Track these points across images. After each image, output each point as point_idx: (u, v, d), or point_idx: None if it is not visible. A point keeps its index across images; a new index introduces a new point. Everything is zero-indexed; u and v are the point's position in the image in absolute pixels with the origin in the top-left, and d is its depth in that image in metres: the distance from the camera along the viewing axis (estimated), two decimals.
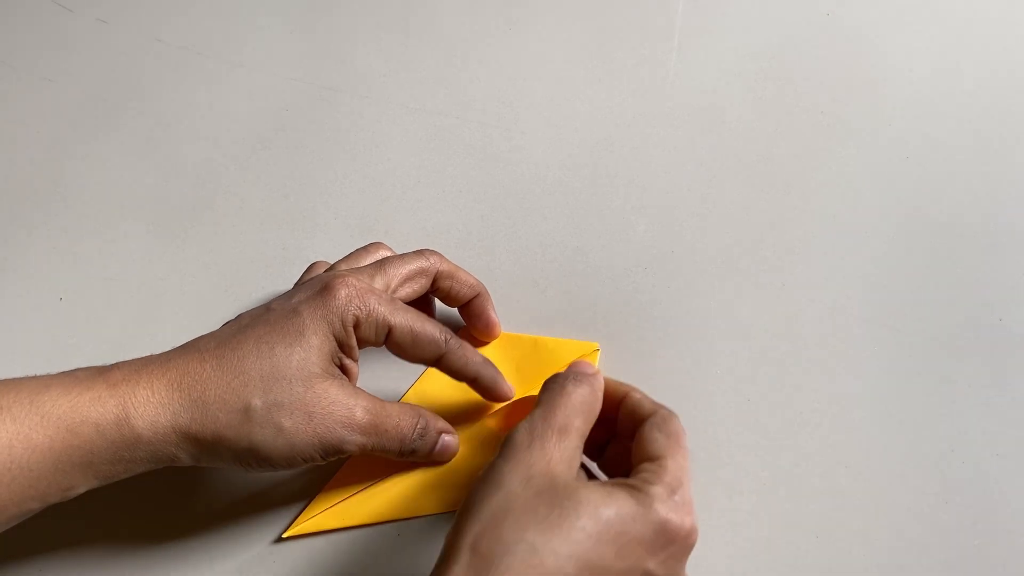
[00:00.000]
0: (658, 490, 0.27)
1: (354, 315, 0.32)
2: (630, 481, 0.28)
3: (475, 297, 0.38)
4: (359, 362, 0.34)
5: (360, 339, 0.33)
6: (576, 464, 0.29)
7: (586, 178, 0.45)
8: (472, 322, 0.39)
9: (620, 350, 0.40)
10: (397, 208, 0.46)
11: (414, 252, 0.37)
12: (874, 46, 0.48)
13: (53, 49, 0.55)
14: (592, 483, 0.28)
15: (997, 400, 0.37)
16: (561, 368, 0.39)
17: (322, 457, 0.32)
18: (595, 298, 0.41)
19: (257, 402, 0.30)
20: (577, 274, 0.42)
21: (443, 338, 0.34)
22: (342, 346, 0.32)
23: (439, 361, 0.35)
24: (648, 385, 0.39)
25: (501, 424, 0.38)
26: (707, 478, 0.36)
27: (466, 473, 0.36)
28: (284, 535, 0.36)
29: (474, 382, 0.36)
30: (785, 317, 0.40)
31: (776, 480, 0.36)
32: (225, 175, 0.48)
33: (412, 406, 0.35)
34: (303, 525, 0.36)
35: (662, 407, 0.31)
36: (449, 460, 0.36)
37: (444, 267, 0.37)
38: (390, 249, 0.39)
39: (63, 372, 0.31)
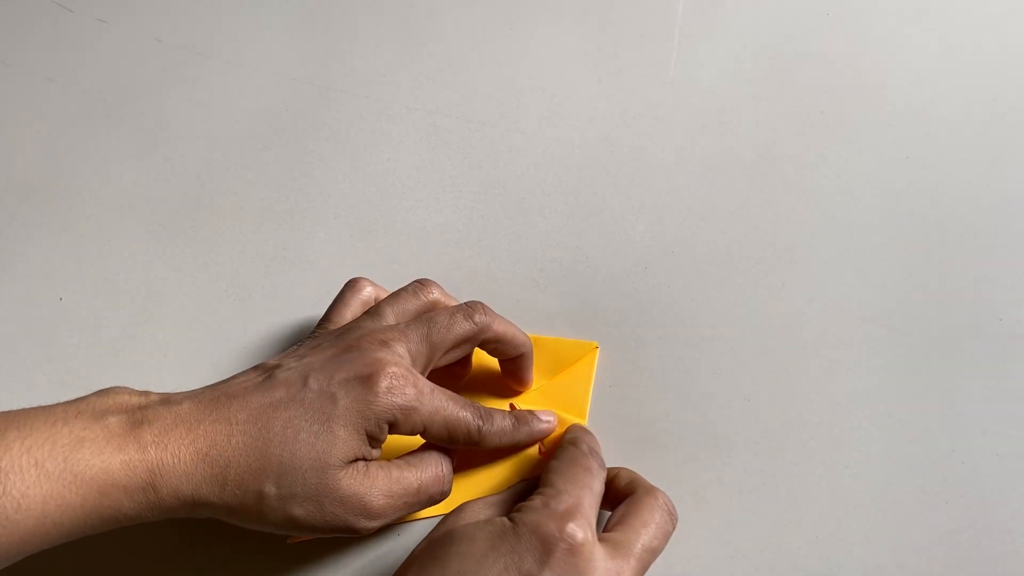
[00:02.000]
0: (532, 504, 0.30)
1: (393, 416, 0.31)
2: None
3: (518, 357, 0.37)
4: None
5: (392, 432, 0.32)
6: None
7: (586, 178, 0.45)
8: (507, 375, 0.39)
9: (620, 350, 0.40)
10: (397, 208, 0.46)
11: (464, 310, 0.35)
12: (874, 46, 0.48)
13: (53, 49, 0.55)
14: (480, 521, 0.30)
15: (997, 400, 0.37)
16: (560, 368, 0.39)
17: (332, 535, 0.32)
18: (595, 298, 0.41)
19: (271, 489, 0.30)
20: (577, 274, 0.42)
21: (476, 426, 0.34)
22: (371, 439, 0.32)
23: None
24: (648, 385, 0.39)
25: None
26: (707, 478, 0.36)
27: (465, 478, 0.37)
28: (290, 540, 0.36)
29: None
30: (785, 317, 0.40)
31: (776, 480, 0.36)
32: (225, 175, 0.48)
33: (428, 456, 0.34)
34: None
35: (573, 447, 0.33)
36: None
37: (493, 332, 0.36)
38: (441, 289, 0.38)
39: (95, 410, 0.30)
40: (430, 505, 0.34)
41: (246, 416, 0.31)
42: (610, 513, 0.32)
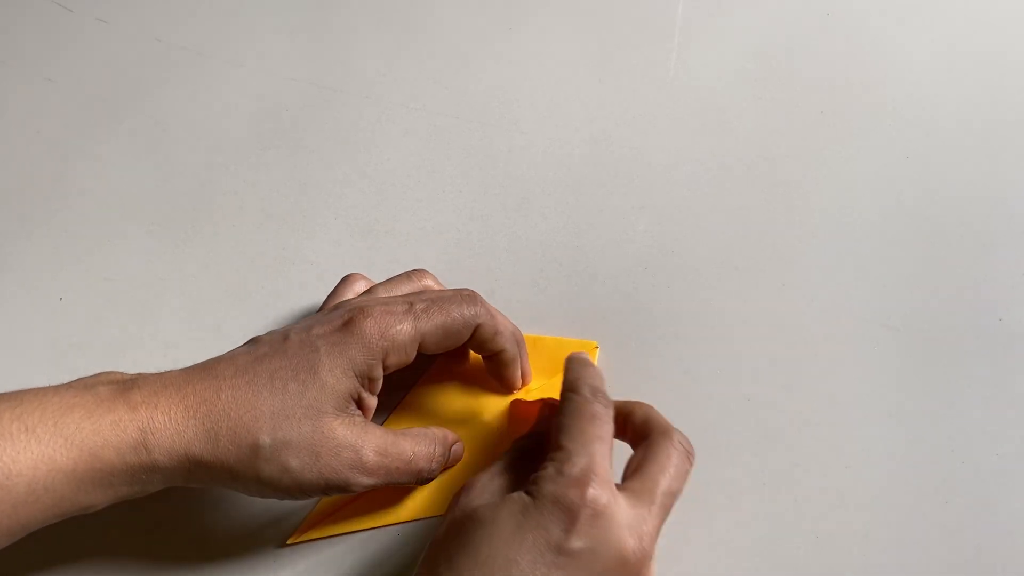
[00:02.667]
0: (547, 473, 0.29)
1: (382, 348, 0.31)
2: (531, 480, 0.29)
3: (500, 352, 0.36)
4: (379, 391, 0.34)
5: (389, 367, 0.32)
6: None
7: (586, 178, 0.45)
8: (494, 375, 0.38)
9: (620, 350, 0.40)
10: (397, 208, 0.46)
11: (459, 295, 0.35)
12: (874, 46, 0.48)
13: (53, 49, 0.55)
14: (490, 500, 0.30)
15: (997, 400, 0.37)
16: (560, 367, 0.39)
17: (327, 494, 0.32)
18: (595, 298, 0.41)
19: (266, 439, 0.30)
20: (577, 274, 0.42)
21: (472, 312, 0.34)
22: (365, 382, 0.32)
23: (474, 336, 0.35)
24: (648, 385, 0.39)
25: (502, 424, 0.38)
26: (707, 478, 0.36)
27: (466, 475, 0.36)
28: (289, 541, 0.36)
29: (501, 354, 0.36)
30: (785, 317, 0.40)
31: (776, 480, 0.36)
32: (225, 175, 0.48)
33: (426, 433, 0.34)
34: (308, 531, 0.36)
35: (573, 394, 0.32)
36: (453, 466, 0.37)
37: (486, 320, 0.34)
38: (434, 278, 0.38)
39: (85, 383, 0.31)
40: (418, 481, 0.34)
41: (233, 371, 0.31)
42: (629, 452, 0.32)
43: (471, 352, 0.38)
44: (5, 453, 0.27)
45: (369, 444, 0.31)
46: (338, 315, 0.33)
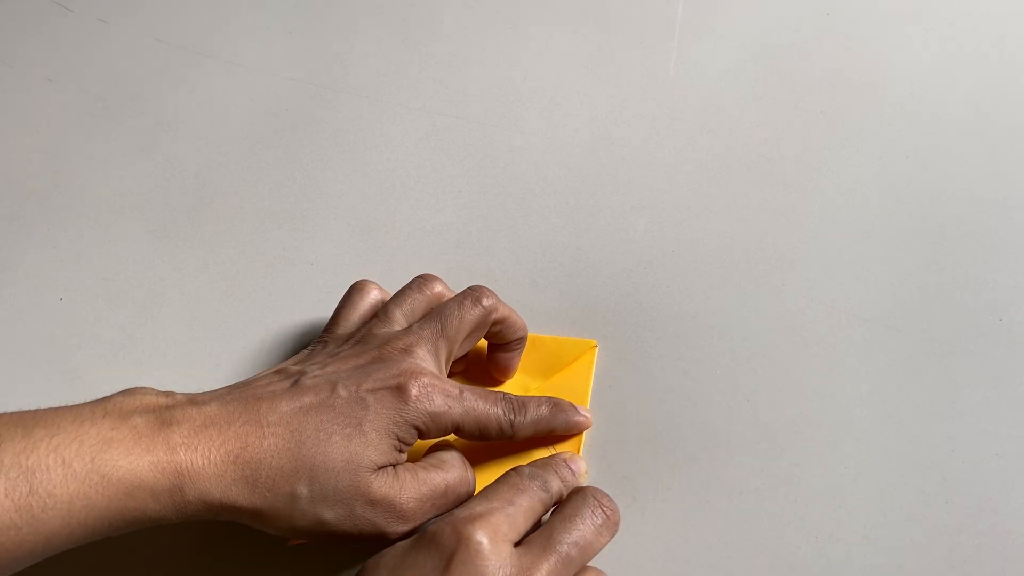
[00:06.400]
0: (440, 517, 0.30)
1: (423, 422, 0.32)
2: None
3: (515, 340, 0.38)
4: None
5: (422, 437, 0.33)
6: None
7: (586, 178, 0.45)
8: (495, 363, 0.39)
9: (620, 349, 0.40)
10: (397, 208, 0.46)
11: (470, 296, 0.36)
12: (874, 46, 0.48)
13: (53, 49, 0.55)
14: None
15: (997, 400, 0.37)
16: (560, 367, 0.39)
17: (363, 543, 0.32)
18: (595, 298, 0.41)
19: (303, 491, 0.30)
20: (577, 274, 0.42)
21: (508, 420, 0.34)
22: (402, 445, 0.32)
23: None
24: (648, 385, 0.39)
25: None
26: (707, 478, 0.36)
27: (480, 476, 0.37)
28: (291, 541, 0.36)
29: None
30: (785, 317, 0.40)
31: (776, 480, 0.36)
32: (225, 175, 0.48)
33: (453, 455, 0.34)
34: None
35: (512, 471, 0.33)
36: None
37: (499, 314, 0.36)
38: (443, 283, 0.38)
39: (121, 411, 0.30)
40: (457, 505, 0.33)
41: (277, 419, 0.31)
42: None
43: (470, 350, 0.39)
44: (42, 487, 0.27)
45: (404, 495, 0.31)
46: (387, 371, 0.32)
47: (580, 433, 0.37)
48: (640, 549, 0.35)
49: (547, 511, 0.32)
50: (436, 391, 0.32)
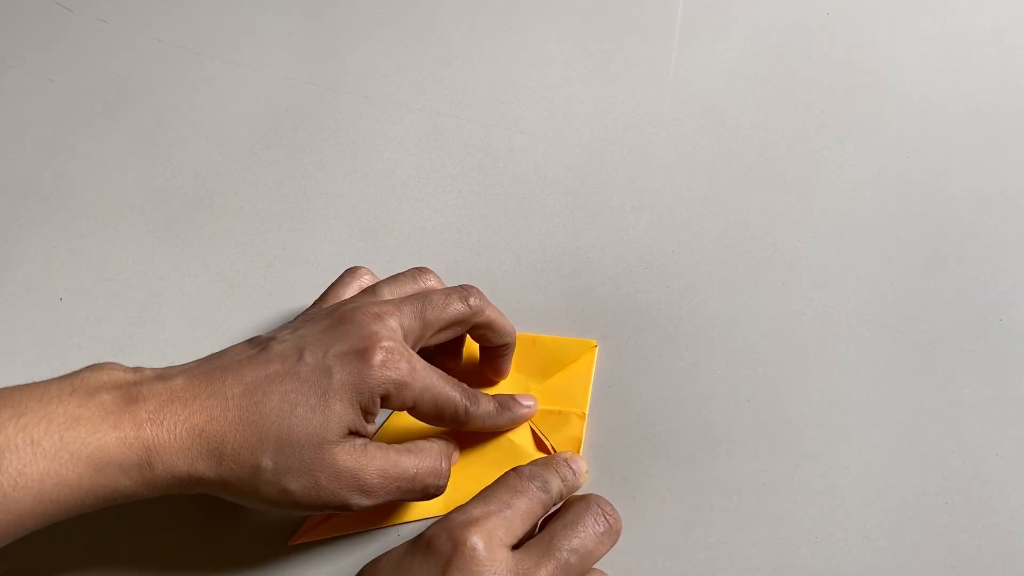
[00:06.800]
0: (436, 522, 0.30)
1: (386, 389, 0.31)
2: None
3: (502, 346, 0.38)
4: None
5: (384, 406, 0.33)
6: None
7: (586, 178, 0.45)
8: (487, 364, 0.39)
9: (620, 349, 0.40)
10: (397, 208, 0.46)
11: (459, 292, 0.35)
12: (874, 46, 0.48)
13: (53, 49, 0.55)
14: None
15: (997, 400, 0.37)
16: (559, 367, 0.39)
17: (326, 511, 0.32)
18: (595, 298, 0.41)
19: (268, 463, 0.30)
20: (577, 274, 0.42)
21: (463, 406, 0.34)
22: (366, 415, 0.32)
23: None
24: (647, 385, 0.39)
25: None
26: (707, 478, 0.36)
27: (465, 476, 0.37)
28: (291, 541, 0.36)
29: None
30: (785, 317, 0.40)
31: (776, 480, 0.36)
32: (225, 175, 0.48)
33: (432, 447, 0.34)
34: (310, 532, 0.36)
35: (511, 471, 0.33)
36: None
37: (485, 316, 0.36)
38: (438, 278, 0.38)
39: (88, 387, 0.30)
40: (425, 497, 0.33)
41: (241, 390, 0.31)
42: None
43: (462, 347, 0.39)
44: (12, 466, 0.27)
45: (370, 469, 0.31)
46: (352, 336, 0.32)
47: (526, 423, 0.37)
48: (640, 549, 0.35)
49: (547, 511, 0.32)
50: (401, 359, 0.32)
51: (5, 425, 0.28)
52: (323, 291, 0.38)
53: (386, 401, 0.32)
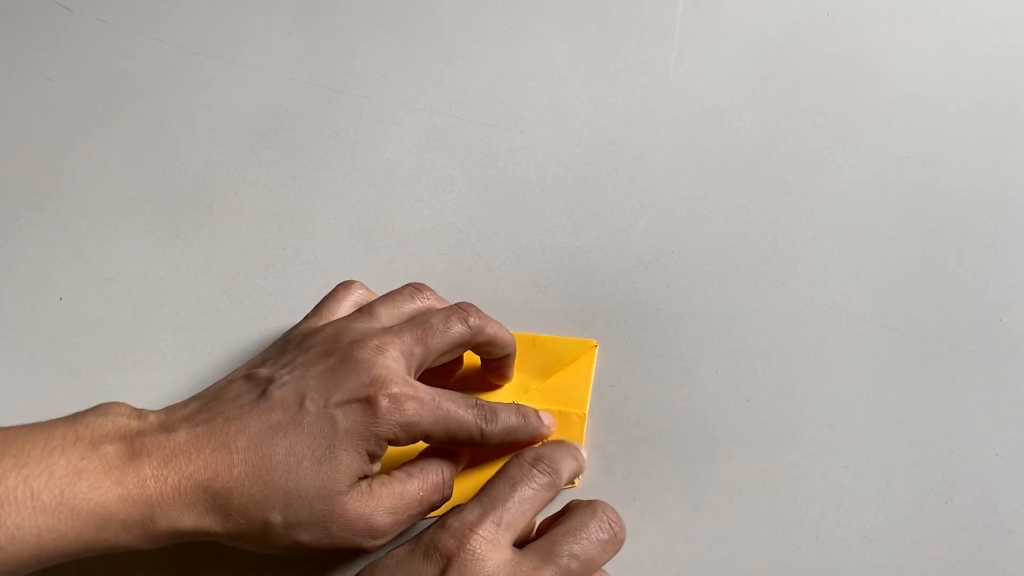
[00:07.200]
0: (436, 522, 0.30)
1: (393, 433, 0.31)
2: None
3: (504, 357, 0.37)
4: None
5: (394, 445, 0.32)
6: None
7: (586, 178, 0.45)
8: (489, 372, 0.39)
9: (620, 349, 0.40)
10: (397, 208, 0.46)
11: (458, 313, 0.35)
12: (874, 46, 0.48)
13: (53, 49, 0.55)
14: None
15: (997, 400, 0.37)
16: (559, 367, 0.39)
17: (338, 554, 0.32)
18: (595, 298, 0.41)
19: (277, 518, 0.30)
20: (577, 274, 0.42)
21: (478, 428, 0.33)
22: (372, 457, 0.32)
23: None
24: (647, 385, 0.39)
25: None
26: (707, 478, 0.36)
27: (465, 476, 0.37)
28: None
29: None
30: (785, 317, 0.40)
31: (776, 480, 0.36)
32: (225, 175, 0.48)
33: (430, 464, 0.34)
34: None
35: (515, 457, 0.32)
36: None
37: (486, 335, 0.35)
38: (435, 294, 0.37)
39: (92, 438, 0.29)
40: (432, 511, 0.34)
41: (246, 443, 0.30)
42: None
43: (463, 359, 0.39)
44: (10, 519, 0.27)
45: (379, 510, 0.31)
46: (357, 378, 0.31)
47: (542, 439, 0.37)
48: (640, 549, 0.35)
49: (556, 493, 0.32)
50: (407, 400, 0.31)
51: (6, 476, 0.27)
52: (316, 305, 0.38)
53: (395, 443, 0.32)
